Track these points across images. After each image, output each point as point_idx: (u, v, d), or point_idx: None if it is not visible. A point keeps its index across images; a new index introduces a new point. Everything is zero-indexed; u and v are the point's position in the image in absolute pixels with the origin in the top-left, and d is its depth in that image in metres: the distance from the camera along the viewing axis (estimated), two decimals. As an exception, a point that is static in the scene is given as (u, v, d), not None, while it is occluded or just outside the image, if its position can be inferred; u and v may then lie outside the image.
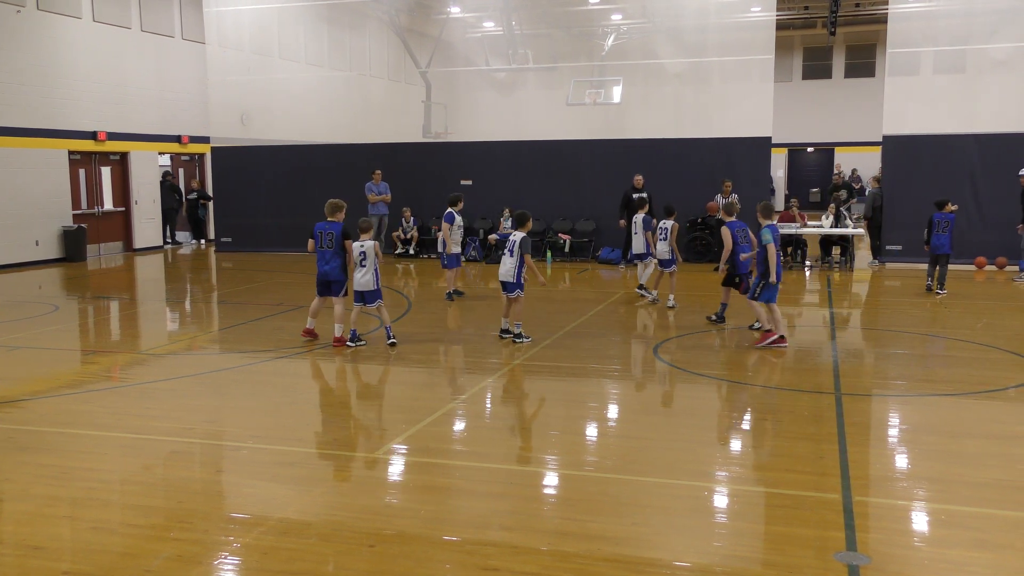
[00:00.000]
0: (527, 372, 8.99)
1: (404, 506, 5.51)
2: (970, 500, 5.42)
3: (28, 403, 7.90)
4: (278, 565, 4.59)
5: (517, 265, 10.05)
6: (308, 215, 20.67)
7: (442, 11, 28.03)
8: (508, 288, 10.15)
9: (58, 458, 6.33)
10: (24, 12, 18.48)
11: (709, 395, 8.31)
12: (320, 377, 9.17)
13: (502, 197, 19.39)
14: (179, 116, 22.82)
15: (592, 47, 28.19)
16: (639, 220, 13.04)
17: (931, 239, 13.86)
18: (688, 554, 4.75)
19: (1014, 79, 19.45)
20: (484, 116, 28.15)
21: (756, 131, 18.09)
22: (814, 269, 17.21)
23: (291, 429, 7.12)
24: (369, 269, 9.86)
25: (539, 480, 5.95)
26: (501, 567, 4.53)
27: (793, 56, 35.88)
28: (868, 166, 34.48)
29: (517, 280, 10.05)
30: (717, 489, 5.73)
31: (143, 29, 21.65)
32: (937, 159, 17.21)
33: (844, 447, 6.36)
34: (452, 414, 7.49)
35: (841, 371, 8.80)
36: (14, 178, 18.47)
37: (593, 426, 7.35)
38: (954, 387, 8.25)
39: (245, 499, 5.66)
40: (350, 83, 27.98)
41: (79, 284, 16.48)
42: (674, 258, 12.64)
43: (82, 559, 4.71)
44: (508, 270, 10.07)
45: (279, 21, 24.83)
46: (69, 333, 11.82)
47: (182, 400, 8.14)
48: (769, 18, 19.70)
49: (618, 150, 19.25)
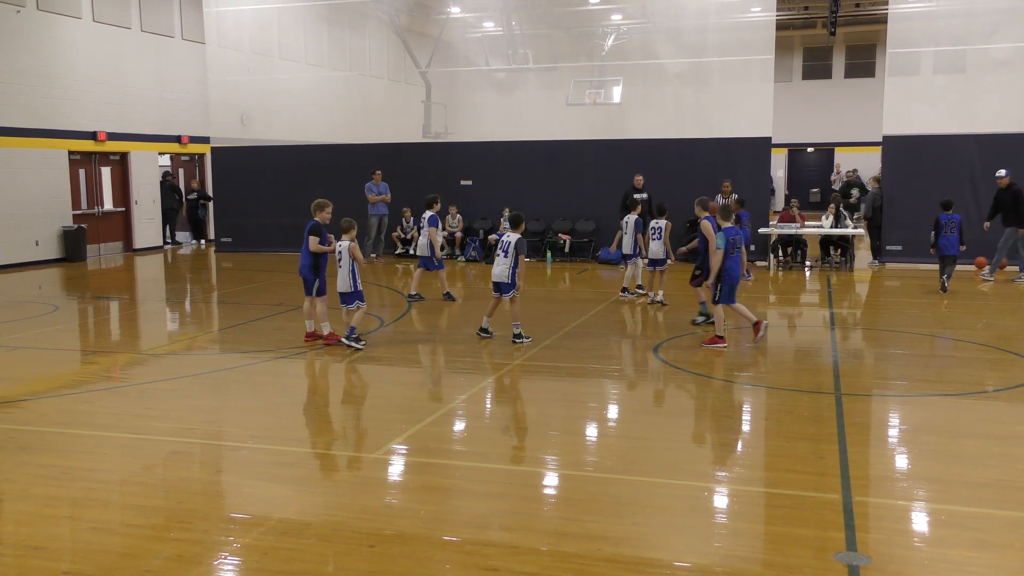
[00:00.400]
0: (527, 372, 8.99)
1: (404, 506, 5.51)
2: (970, 500, 5.42)
3: (28, 403, 7.90)
4: (278, 565, 4.59)
5: (511, 266, 10.08)
6: (308, 215, 20.85)
7: (442, 11, 28.04)
8: (503, 289, 10.16)
9: (58, 458, 6.33)
10: (24, 12, 18.48)
11: (709, 395, 8.31)
12: (320, 377, 9.17)
13: (502, 197, 19.40)
14: (179, 116, 22.82)
15: (592, 47, 28.20)
16: (631, 221, 13.10)
17: (939, 240, 13.94)
18: (688, 554, 4.75)
19: (1014, 79, 19.46)
20: (484, 116, 28.16)
21: (756, 131, 18.09)
22: (814, 269, 17.21)
23: (291, 429, 7.12)
24: (345, 269, 9.81)
25: (539, 480, 5.95)
26: (501, 567, 4.53)
27: (793, 56, 35.87)
28: (867, 166, 34.52)
29: (512, 281, 10.07)
30: (717, 489, 5.73)
31: (143, 29, 21.65)
32: (937, 159, 17.20)
33: (844, 447, 6.36)
34: (452, 414, 7.49)
35: (841, 371, 8.80)
36: (14, 178, 18.46)
37: (593, 426, 7.35)
38: (954, 387, 8.26)
39: (245, 499, 5.66)
40: (350, 83, 27.98)
41: (79, 284, 16.48)
42: (667, 257, 12.75)
43: (82, 559, 4.71)
44: (502, 271, 10.11)
45: (279, 21, 24.83)
46: (69, 333, 11.82)
47: (182, 400, 8.14)
48: (769, 18, 19.69)
49: (618, 150, 19.25)
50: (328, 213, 10.10)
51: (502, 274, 10.09)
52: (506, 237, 10.19)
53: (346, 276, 9.82)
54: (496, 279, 10.18)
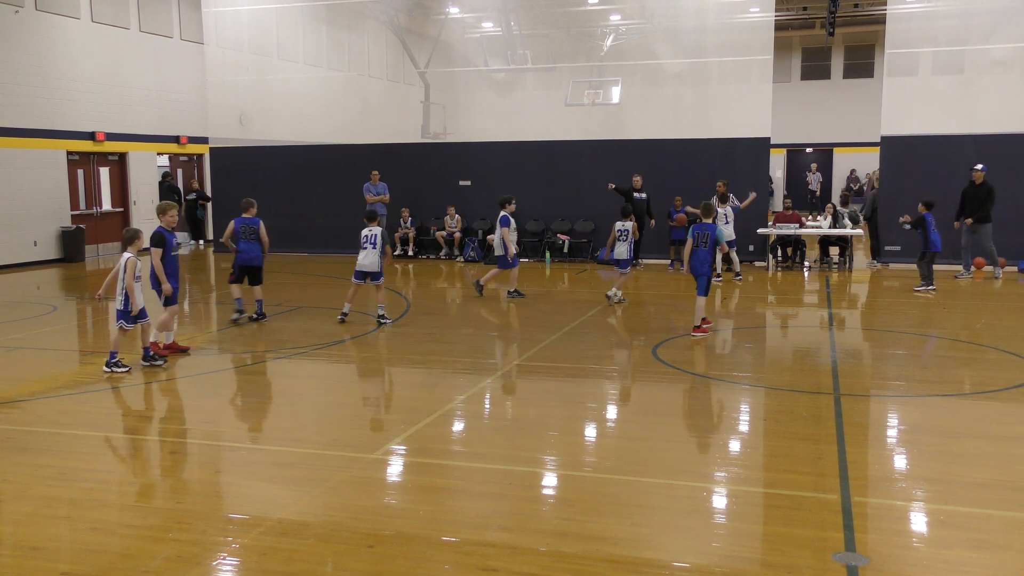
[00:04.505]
0: (526, 372, 8.99)
1: (403, 507, 5.50)
2: (969, 500, 5.42)
3: (27, 404, 7.89)
4: (277, 566, 4.59)
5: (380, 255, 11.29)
6: (307, 216, 20.90)
7: (441, 11, 28.02)
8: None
9: (56, 459, 6.32)
10: (23, 12, 18.46)
11: (708, 395, 8.31)
12: (319, 377, 9.16)
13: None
14: (178, 116, 22.80)
15: (591, 47, 28.20)
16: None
17: (929, 237, 14.20)
18: (687, 555, 4.74)
19: (1012, 79, 19.46)
20: (483, 116, 28.14)
21: (755, 132, 18.10)
22: (813, 270, 17.22)
23: (289, 429, 7.12)
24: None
25: (538, 480, 5.94)
26: (500, 568, 4.53)
27: (792, 57, 35.88)
28: (865, 167, 34.54)
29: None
30: (716, 490, 5.73)
31: (142, 29, 21.63)
32: (935, 160, 17.21)
33: (843, 448, 6.36)
34: (451, 414, 7.49)
35: (840, 371, 8.80)
36: (12, 178, 18.45)
37: (592, 426, 7.35)
38: (953, 387, 8.26)
39: (244, 500, 5.66)
40: (349, 83, 27.97)
41: (77, 284, 16.46)
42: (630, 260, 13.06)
43: (80, 560, 4.71)
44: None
45: (278, 22, 24.81)
46: (67, 333, 11.81)
47: (181, 400, 8.13)
48: (768, 19, 19.70)
49: (617, 151, 19.25)
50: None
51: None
52: (368, 231, 11.28)
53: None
54: (366, 268, 11.24)
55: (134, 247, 8.96)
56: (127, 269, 8.78)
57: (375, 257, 11.25)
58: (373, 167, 18.85)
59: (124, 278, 8.77)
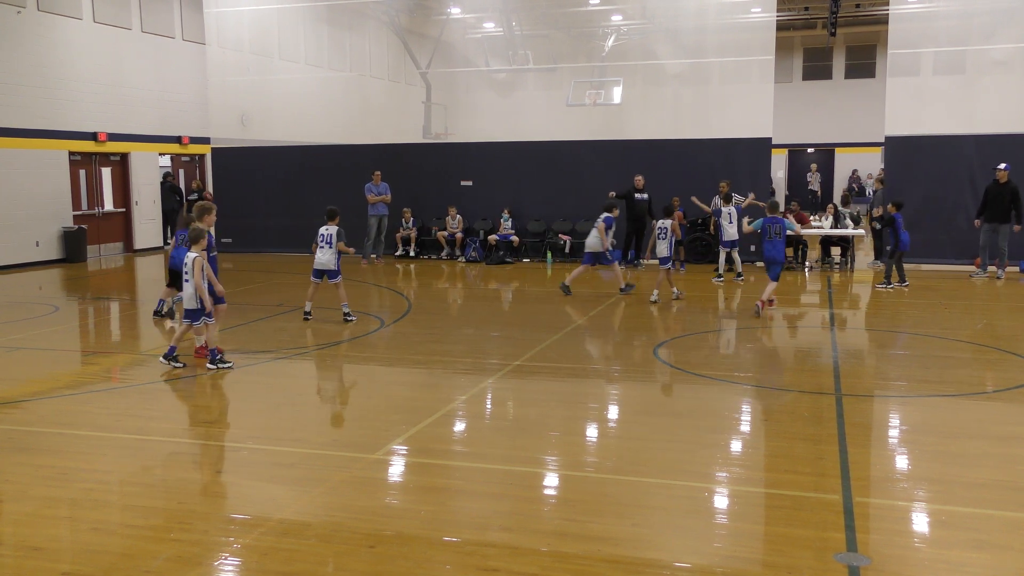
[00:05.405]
0: (527, 372, 8.99)
1: (404, 507, 5.50)
2: (970, 501, 5.41)
3: (28, 404, 7.90)
4: (277, 566, 4.59)
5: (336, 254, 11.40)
6: (308, 216, 20.86)
7: (442, 12, 28.03)
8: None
9: (57, 459, 6.32)
10: (24, 13, 18.48)
11: (709, 396, 8.30)
12: (319, 378, 9.16)
13: (502, 198, 19.39)
14: (179, 117, 22.81)
15: (592, 48, 28.19)
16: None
17: (900, 236, 14.56)
18: (688, 555, 4.74)
19: (1013, 80, 19.45)
20: (484, 117, 28.14)
21: (756, 132, 18.09)
22: (814, 270, 17.21)
23: (290, 430, 7.12)
24: (189, 284, 8.89)
25: (539, 481, 5.94)
26: (500, 568, 4.53)
27: (793, 57, 35.86)
28: (867, 167, 34.54)
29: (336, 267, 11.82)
30: (717, 490, 5.73)
31: (143, 30, 21.65)
32: (937, 160, 17.19)
33: (844, 448, 6.36)
34: (452, 414, 7.49)
35: (841, 372, 8.80)
36: (14, 179, 18.46)
37: (593, 427, 7.35)
38: (954, 388, 8.25)
39: (244, 500, 5.66)
40: (350, 84, 27.98)
41: (79, 285, 16.47)
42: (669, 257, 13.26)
43: (81, 560, 4.71)
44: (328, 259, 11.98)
45: (279, 22, 24.83)
46: (69, 334, 11.82)
47: (182, 401, 8.14)
48: (769, 19, 19.70)
49: (618, 151, 19.24)
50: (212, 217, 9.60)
51: (328, 262, 11.26)
52: (325, 230, 11.39)
53: (191, 291, 8.88)
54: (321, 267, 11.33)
55: (198, 247, 8.98)
56: (194, 268, 8.83)
57: (330, 255, 11.35)
58: (374, 167, 18.85)
59: (192, 279, 8.80)
